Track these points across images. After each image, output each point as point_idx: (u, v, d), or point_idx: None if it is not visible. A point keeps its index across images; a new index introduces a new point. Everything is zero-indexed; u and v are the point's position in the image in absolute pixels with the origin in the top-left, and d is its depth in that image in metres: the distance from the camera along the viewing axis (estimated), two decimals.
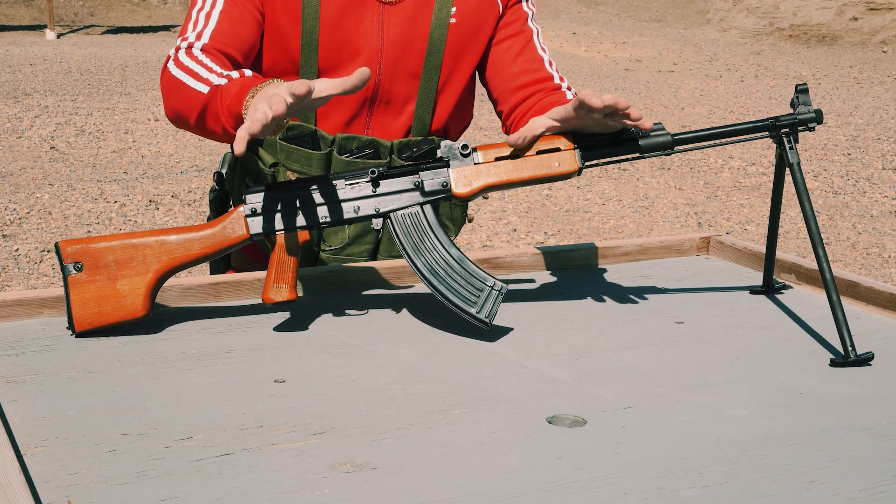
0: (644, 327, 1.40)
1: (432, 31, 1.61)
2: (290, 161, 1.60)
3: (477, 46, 1.66)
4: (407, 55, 1.61)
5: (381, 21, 1.59)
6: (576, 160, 1.35)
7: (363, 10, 1.59)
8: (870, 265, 4.68)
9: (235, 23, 1.54)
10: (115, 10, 13.78)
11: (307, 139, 1.60)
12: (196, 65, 1.45)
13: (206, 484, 0.91)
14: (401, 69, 1.61)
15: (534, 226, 5.08)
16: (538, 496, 0.90)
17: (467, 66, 1.66)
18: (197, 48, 1.49)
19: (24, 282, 4.06)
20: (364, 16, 1.59)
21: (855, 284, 1.53)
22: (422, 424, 1.06)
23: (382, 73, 1.60)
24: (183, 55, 1.48)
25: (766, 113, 8.25)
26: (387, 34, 1.59)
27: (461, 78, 1.66)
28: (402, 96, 1.63)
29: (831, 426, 1.08)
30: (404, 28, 1.60)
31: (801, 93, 1.35)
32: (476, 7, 1.64)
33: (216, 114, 1.37)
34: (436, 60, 1.62)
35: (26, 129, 6.68)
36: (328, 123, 1.62)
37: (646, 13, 14.95)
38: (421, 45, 1.61)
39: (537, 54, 1.68)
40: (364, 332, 1.35)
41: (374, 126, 1.64)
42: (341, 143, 1.60)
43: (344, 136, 1.60)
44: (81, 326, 1.28)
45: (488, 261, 1.64)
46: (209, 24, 1.53)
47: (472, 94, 1.74)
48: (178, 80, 1.45)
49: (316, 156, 1.59)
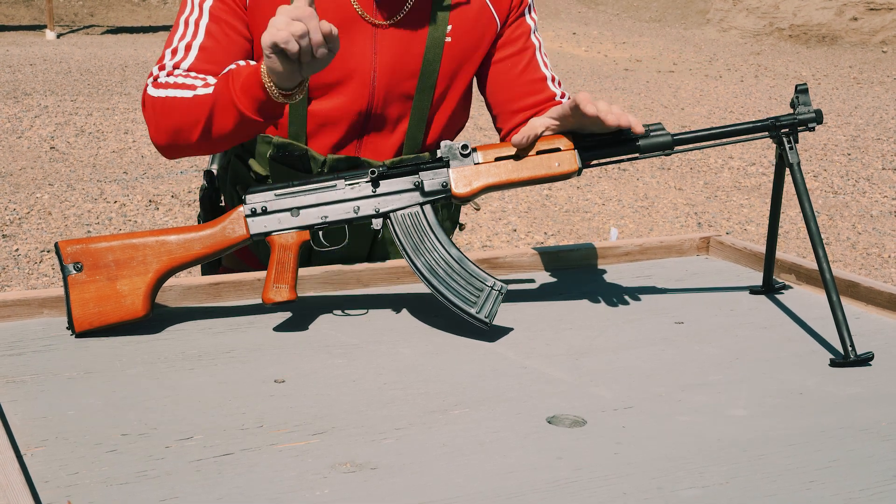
0: (644, 327, 1.40)
1: (427, 52, 1.58)
2: (279, 180, 1.58)
3: (473, 62, 1.64)
4: (401, 77, 1.58)
5: (374, 44, 1.56)
6: (576, 160, 1.35)
7: (355, 33, 1.55)
8: (870, 265, 4.69)
9: (218, 50, 1.51)
10: (115, 10, 13.78)
11: (297, 160, 1.58)
12: (183, 79, 1.45)
13: (206, 484, 0.91)
14: (394, 91, 1.59)
15: (534, 226, 5.08)
16: (538, 496, 0.90)
17: (462, 83, 1.64)
18: (175, 76, 1.48)
19: (24, 282, 4.06)
20: (356, 39, 1.56)
21: (855, 284, 1.53)
22: (422, 424, 1.06)
23: (376, 95, 1.58)
24: (164, 78, 1.47)
25: (766, 113, 8.25)
26: (380, 58, 1.56)
27: (455, 94, 1.64)
28: (395, 116, 1.61)
29: (831, 426, 1.08)
30: (398, 50, 1.57)
31: (801, 93, 1.35)
32: (473, 23, 1.61)
33: (227, 103, 1.36)
34: (430, 80, 1.60)
35: (26, 129, 6.68)
36: (319, 144, 1.60)
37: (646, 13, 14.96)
38: (415, 66, 1.58)
39: (540, 72, 1.67)
40: (364, 332, 1.35)
41: (365, 146, 1.62)
42: (332, 165, 1.58)
43: (335, 157, 1.58)
44: (81, 326, 1.28)
45: (488, 261, 1.64)
46: (189, 55, 1.50)
47: (468, 102, 1.71)
48: (169, 97, 1.44)
49: (305, 177, 1.58)
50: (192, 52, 1.50)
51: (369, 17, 1.55)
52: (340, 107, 1.57)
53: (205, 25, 1.52)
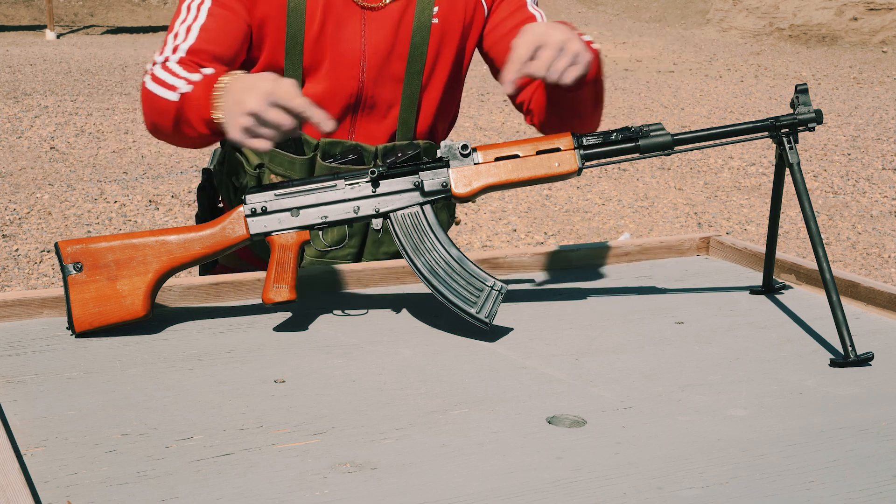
0: (644, 327, 1.40)
1: (414, 34, 1.60)
2: (273, 164, 1.61)
3: (461, 44, 1.66)
4: (390, 60, 1.61)
5: (363, 27, 1.59)
6: (576, 160, 1.35)
7: (346, 16, 1.59)
8: (870, 265, 4.68)
9: (219, 28, 1.54)
10: (115, 11, 13.78)
11: (291, 143, 1.60)
12: (169, 76, 1.47)
13: (206, 484, 0.91)
14: (384, 74, 1.61)
15: (534, 226, 5.08)
16: (538, 496, 0.90)
17: (447, 64, 1.66)
18: (173, 61, 1.50)
19: (24, 282, 4.06)
20: (347, 22, 1.59)
21: (855, 284, 1.53)
22: (422, 424, 1.06)
23: (366, 78, 1.61)
24: (159, 69, 1.50)
25: (766, 113, 8.25)
26: (369, 40, 1.60)
27: (442, 76, 1.66)
28: (387, 100, 1.63)
29: (831, 426, 1.08)
30: (387, 33, 1.60)
31: (801, 93, 1.35)
32: (457, 2, 1.63)
33: (189, 121, 1.41)
34: (419, 64, 1.62)
35: (26, 129, 6.68)
36: (312, 128, 1.61)
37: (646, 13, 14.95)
38: (403, 49, 1.61)
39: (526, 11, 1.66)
40: (364, 332, 1.35)
41: (358, 131, 1.64)
42: (325, 148, 1.60)
43: (328, 141, 1.60)
44: (81, 326, 1.28)
45: (488, 261, 1.64)
46: (189, 36, 1.53)
47: (457, 89, 1.73)
48: (152, 92, 1.47)
49: (299, 161, 1.59)
50: (193, 34, 1.53)
51: (359, 0, 1.59)
52: (331, 90, 1.60)
53: (206, 9, 1.55)
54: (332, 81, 1.60)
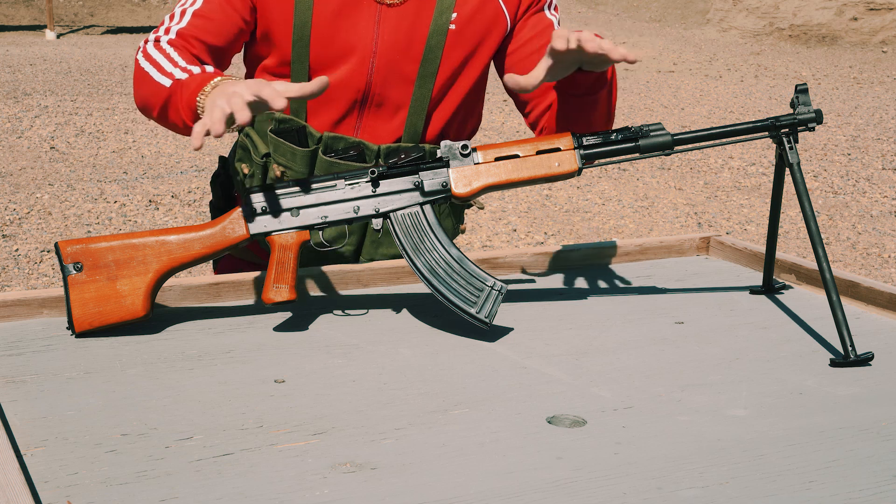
0: (644, 327, 1.40)
1: (430, 37, 1.58)
2: (277, 154, 1.60)
3: (479, 57, 1.62)
4: (402, 58, 1.59)
5: (377, 22, 1.57)
6: (575, 160, 1.35)
7: (360, 10, 1.57)
8: (870, 265, 4.69)
9: (212, 16, 1.55)
10: (115, 10, 13.79)
11: (295, 134, 1.59)
12: (162, 57, 1.48)
13: (206, 484, 0.91)
14: (395, 72, 1.59)
15: (534, 226, 5.08)
16: (538, 496, 0.90)
17: (467, 77, 1.63)
18: (164, 41, 1.51)
19: (24, 282, 4.06)
20: (361, 16, 1.57)
21: (855, 284, 1.53)
22: (422, 424, 1.06)
23: (375, 74, 1.58)
24: (151, 47, 1.51)
25: (766, 113, 8.25)
26: (382, 35, 1.57)
27: (461, 88, 1.63)
28: (395, 101, 1.61)
29: (831, 426, 1.08)
30: (401, 30, 1.58)
31: (801, 93, 1.35)
32: (479, 14, 1.60)
33: (176, 107, 1.41)
34: (432, 66, 1.59)
35: (26, 129, 6.68)
36: (318, 121, 1.61)
37: (646, 13, 14.96)
38: (417, 50, 1.59)
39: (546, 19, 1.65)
40: (364, 332, 1.35)
41: (364, 128, 1.62)
42: (327, 143, 1.59)
43: (331, 135, 1.59)
44: (81, 326, 1.28)
45: (488, 261, 1.64)
46: (182, 20, 1.54)
47: (476, 105, 1.70)
48: (145, 71, 1.48)
49: (300, 153, 1.58)
50: (186, 18, 1.54)
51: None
52: (339, 83, 1.59)
53: None
54: (341, 74, 1.58)
